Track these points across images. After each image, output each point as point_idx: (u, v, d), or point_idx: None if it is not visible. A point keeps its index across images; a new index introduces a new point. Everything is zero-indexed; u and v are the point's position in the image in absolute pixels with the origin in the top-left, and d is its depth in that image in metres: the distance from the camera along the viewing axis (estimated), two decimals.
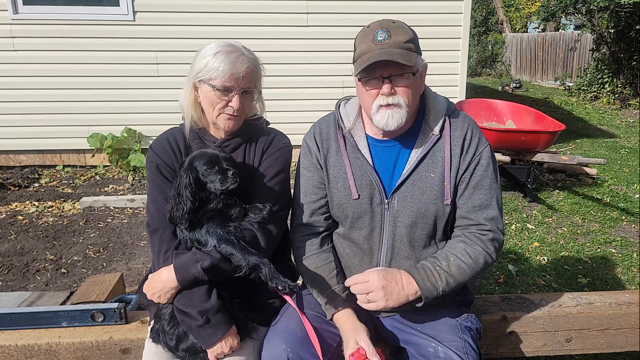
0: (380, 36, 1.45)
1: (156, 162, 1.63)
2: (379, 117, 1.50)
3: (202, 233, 1.51)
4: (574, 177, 5.82)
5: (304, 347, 1.49)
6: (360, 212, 1.60)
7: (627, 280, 3.49)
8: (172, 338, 1.55)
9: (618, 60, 11.43)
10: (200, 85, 1.59)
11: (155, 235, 1.58)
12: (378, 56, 1.42)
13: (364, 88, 1.52)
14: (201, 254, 1.48)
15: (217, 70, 1.53)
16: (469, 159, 1.56)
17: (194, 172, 1.50)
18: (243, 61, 1.55)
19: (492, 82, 17.86)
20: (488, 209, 1.57)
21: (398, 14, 5.87)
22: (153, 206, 1.61)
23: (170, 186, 1.58)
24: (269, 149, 1.69)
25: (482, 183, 1.57)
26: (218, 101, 1.57)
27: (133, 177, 5.93)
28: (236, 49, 1.57)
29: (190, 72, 1.60)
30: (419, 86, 1.55)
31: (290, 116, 5.90)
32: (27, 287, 3.40)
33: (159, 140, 1.69)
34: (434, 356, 1.50)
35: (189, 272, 1.46)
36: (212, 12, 5.95)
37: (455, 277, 1.52)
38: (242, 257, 1.45)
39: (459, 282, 1.54)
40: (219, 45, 1.58)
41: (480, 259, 1.55)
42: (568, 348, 1.89)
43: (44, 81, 5.98)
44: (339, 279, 1.66)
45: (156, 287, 1.53)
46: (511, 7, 25.72)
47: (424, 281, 1.50)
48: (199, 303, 1.48)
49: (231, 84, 1.55)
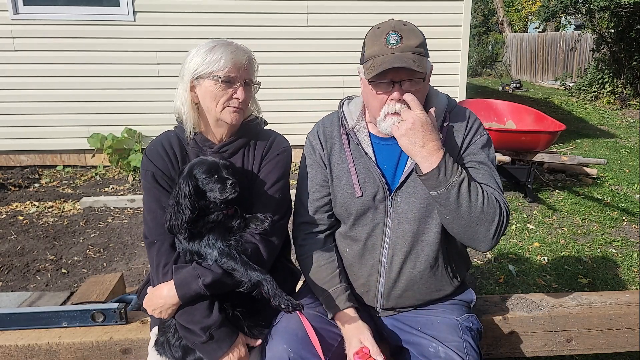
0: (392, 39, 1.43)
1: (152, 171, 1.57)
2: (385, 124, 1.50)
3: (203, 245, 1.47)
4: (574, 177, 5.82)
5: (305, 347, 1.49)
6: (363, 209, 1.61)
7: (628, 281, 3.48)
8: (177, 350, 1.52)
9: (618, 61, 11.43)
10: (198, 82, 1.54)
11: (153, 248, 1.54)
12: (392, 62, 1.40)
13: (373, 91, 1.49)
14: (202, 270, 1.44)
15: (219, 61, 1.49)
16: (467, 143, 1.58)
17: (193, 180, 1.46)
18: (243, 51, 1.55)
19: (492, 82, 17.87)
20: (492, 183, 1.53)
21: (398, 14, 5.85)
22: (150, 216, 1.56)
23: (167, 195, 1.54)
24: (268, 154, 1.64)
25: (479, 164, 1.56)
26: (222, 94, 1.52)
27: (133, 177, 5.93)
28: (231, 42, 1.56)
29: (184, 73, 1.55)
30: (426, 89, 1.56)
31: (290, 116, 5.91)
32: (28, 287, 3.40)
33: (153, 146, 1.62)
34: (435, 356, 1.50)
35: (190, 288, 1.43)
36: (212, 12, 5.95)
37: (470, 189, 1.42)
38: (244, 273, 1.42)
39: (470, 198, 1.42)
40: (211, 42, 1.55)
41: (492, 203, 1.45)
42: (568, 348, 1.89)
43: (44, 81, 5.98)
44: (341, 278, 1.66)
45: (157, 304, 1.49)
46: (511, 8, 25.73)
47: (447, 160, 1.42)
48: (200, 319, 1.45)
49: (234, 74, 1.52)
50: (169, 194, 1.55)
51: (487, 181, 1.54)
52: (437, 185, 1.42)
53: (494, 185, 1.54)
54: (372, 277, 1.67)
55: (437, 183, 1.42)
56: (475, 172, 1.55)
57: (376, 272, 1.66)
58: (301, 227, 1.72)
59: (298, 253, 1.73)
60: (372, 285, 1.68)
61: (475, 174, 1.54)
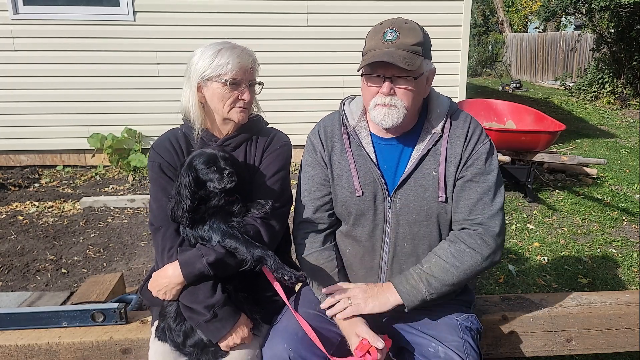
0: (389, 35, 1.46)
1: (158, 162, 1.65)
2: (375, 113, 1.52)
3: (206, 229, 1.53)
4: (574, 177, 5.82)
5: (306, 347, 1.49)
6: (363, 209, 1.61)
7: (628, 280, 3.49)
8: (179, 334, 1.55)
9: (618, 60, 11.43)
10: (205, 84, 1.62)
11: (159, 234, 1.60)
12: (380, 56, 1.43)
13: (366, 84, 1.54)
14: (206, 249, 1.49)
15: (226, 65, 1.58)
16: (467, 154, 1.56)
17: (193, 171, 1.52)
18: (248, 54, 1.63)
19: (492, 82, 17.87)
20: (483, 202, 1.55)
21: (398, 14, 5.83)
22: (155, 204, 1.63)
23: (172, 185, 1.60)
24: (269, 147, 1.71)
25: (479, 177, 1.55)
26: (229, 95, 1.61)
27: (133, 177, 5.93)
28: (236, 45, 1.64)
29: (191, 74, 1.63)
30: (421, 90, 1.55)
31: (290, 116, 5.90)
32: (28, 287, 3.40)
33: (160, 141, 1.71)
34: (434, 356, 1.50)
35: (195, 267, 1.48)
36: (212, 12, 5.95)
37: (437, 277, 1.52)
38: (247, 250, 1.47)
39: (447, 282, 1.53)
40: (217, 44, 1.62)
41: (466, 256, 1.53)
42: (568, 348, 1.89)
43: (44, 81, 5.98)
44: (341, 277, 1.67)
45: (161, 284, 1.54)
46: (511, 8, 25.73)
47: (402, 284, 1.54)
48: (204, 299, 1.49)
49: (241, 77, 1.61)
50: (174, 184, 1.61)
51: (482, 196, 1.54)
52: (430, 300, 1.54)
53: (488, 199, 1.54)
54: (371, 278, 1.67)
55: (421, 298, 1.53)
56: (472, 188, 1.55)
57: (376, 274, 1.67)
58: (301, 226, 1.72)
59: (298, 252, 1.73)
60: None
61: (472, 191, 1.55)
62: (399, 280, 1.56)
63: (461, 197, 1.56)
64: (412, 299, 1.53)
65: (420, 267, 1.56)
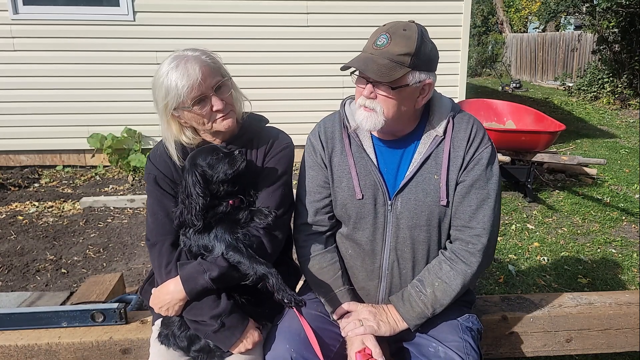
0: (380, 41, 1.44)
1: (154, 174, 1.60)
2: (358, 114, 1.53)
3: (211, 238, 1.49)
4: (574, 177, 5.82)
5: (308, 348, 1.49)
6: (363, 212, 1.59)
7: (627, 281, 3.48)
8: (183, 340, 1.53)
9: (619, 61, 11.42)
10: (177, 112, 1.52)
11: (155, 249, 1.56)
12: (356, 62, 1.45)
13: (356, 83, 1.55)
14: (208, 264, 1.45)
15: (177, 90, 1.44)
16: (469, 157, 1.54)
17: (198, 168, 1.49)
18: (192, 66, 1.46)
19: (492, 82, 17.86)
20: (483, 211, 1.53)
21: (398, 14, 5.88)
22: (151, 219, 1.59)
23: (168, 197, 1.57)
24: (270, 151, 1.65)
25: (479, 184, 1.53)
26: (202, 114, 1.50)
27: (133, 177, 5.93)
28: (179, 58, 1.49)
29: (158, 106, 1.53)
30: (405, 100, 1.47)
31: (290, 116, 5.90)
32: (27, 287, 3.40)
33: (156, 150, 1.65)
34: (435, 356, 1.50)
35: (197, 283, 1.44)
36: (212, 12, 5.94)
37: (441, 300, 1.55)
38: (250, 266, 1.44)
39: (449, 301, 1.56)
40: (164, 66, 1.50)
41: (467, 276, 1.55)
42: (568, 348, 1.89)
43: (44, 81, 5.98)
44: (344, 279, 1.66)
45: (164, 300, 1.50)
46: (511, 8, 25.73)
47: (409, 313, 1.56)
48: (209, 310, 1.47)
49: (199, 92, 1.47)
50: (170, 197, 1.58)
51: (480, 210, 1.53)
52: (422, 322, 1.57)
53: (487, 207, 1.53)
54: (372, 282, 1.66)
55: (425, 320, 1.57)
56: (472, 195, 1.53)
57: (377, 278, 1.66)
58: (302, 229, 1.70)
59: (299, 254, 1.72)
60: (372, 290, 1.67)
61: (471, 197, 1.53)
62: (405, 309, 1.57)
63: (461, 204, 1.55)
64: (418, 323, 1.57)
65: (423, 291, 1.55)
